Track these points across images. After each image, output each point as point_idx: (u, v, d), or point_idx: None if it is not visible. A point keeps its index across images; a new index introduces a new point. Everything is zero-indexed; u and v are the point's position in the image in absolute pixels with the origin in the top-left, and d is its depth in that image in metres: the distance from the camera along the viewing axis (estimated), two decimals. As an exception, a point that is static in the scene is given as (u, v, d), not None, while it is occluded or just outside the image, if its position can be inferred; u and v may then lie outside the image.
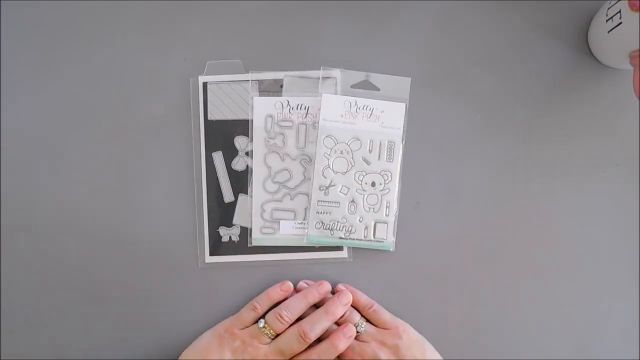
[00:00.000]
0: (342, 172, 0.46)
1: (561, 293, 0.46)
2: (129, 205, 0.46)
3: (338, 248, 0.46)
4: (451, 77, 0.47)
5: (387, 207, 0.46)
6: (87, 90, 0.47)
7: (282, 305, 0.43)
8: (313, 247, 0.46)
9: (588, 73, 0.47)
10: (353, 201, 0.46)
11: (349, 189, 0.46)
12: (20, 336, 0.46)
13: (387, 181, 0.46)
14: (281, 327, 0.42)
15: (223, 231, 0.46)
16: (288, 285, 0.45)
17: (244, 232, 0.46)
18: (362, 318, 0.44)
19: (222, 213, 0.46)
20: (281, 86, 0.46)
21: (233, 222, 0.46)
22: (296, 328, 0.42)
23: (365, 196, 0.46)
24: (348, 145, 0.46)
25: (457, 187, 0.47)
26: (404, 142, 0.46)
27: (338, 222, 0.46)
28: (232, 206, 0.46)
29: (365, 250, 0.46)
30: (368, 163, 0.46)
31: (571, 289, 0.46)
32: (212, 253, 0.46)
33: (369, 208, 0.46)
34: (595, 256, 0.47)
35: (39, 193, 0.46)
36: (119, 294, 0.46)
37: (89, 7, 0.47)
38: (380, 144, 0.46)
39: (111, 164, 0.47)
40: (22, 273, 0.46)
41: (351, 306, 0.44)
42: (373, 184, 0.46)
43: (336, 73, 0.46)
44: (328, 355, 0.42)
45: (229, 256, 0.46)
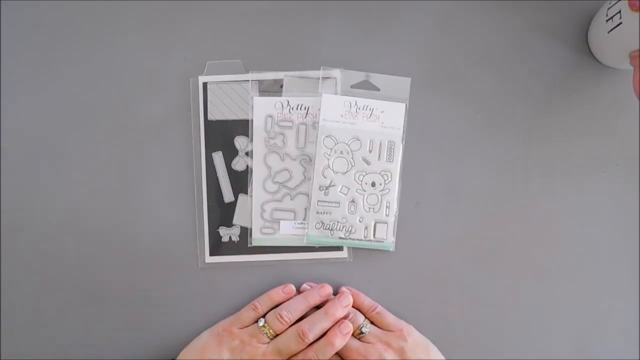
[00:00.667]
0: (342, 172, 0.46)
1: (561, 293, 0.46)
2: (129, 205, 0.46)
3: (338, 248, 0.46)
4: (451, 77, 0.47)
5: (387, 207, 0.46)
6: (87, 90, 0.47)
7: (283, 305, 0.43)
8: (313, 247, 0.46)
9: (588, 73, 0.47)
10: (353, 201, 0.46)
11: (349, 189, 0.46)
12: (20, 336, 0.46)
13: (387, 181, 0.46)
14: (281, 327, 0.42)
15: (223, 231, 0.46)
16: (290, 288, 0.45)
17: (244, 232, 0.46)
18: (366, 320, 0.44)
19: (222, 213, 0.46)
20: (281, 86, 0.46)
21: (233, 222, 0.46)
22: (295, 328, 0.42)
23: (365, 196, 0.46)
24: (348, 145, 0.46)
25: (457, 187, 0.47)
26: (404, 142, 0.46)
27: (338, 222, 0.46)
28: (232, 206, 0.46)
29: (365, 250, 0.46)
30: (368, 163, 0.46)
31: (571, 289, 0.46)
32: (212, 253, 0.46)
33: (369, 208, 0.46)
34: (595, 256, 0.47)
35: (39, 193, 0.46)
36: (119, 294, 0.46)
37: (89, 7, 0.47)
38: (380, 144, 0.46)
39: (111, 164, 0.47)
40: (22, 273, 0.46)
41: (355, 309, 0.44)
42: (373, 184, 0.46)
43: (336, 73, 0.46)
44: (325, 352, 0.42)
45: (229, 256, 0.46)
